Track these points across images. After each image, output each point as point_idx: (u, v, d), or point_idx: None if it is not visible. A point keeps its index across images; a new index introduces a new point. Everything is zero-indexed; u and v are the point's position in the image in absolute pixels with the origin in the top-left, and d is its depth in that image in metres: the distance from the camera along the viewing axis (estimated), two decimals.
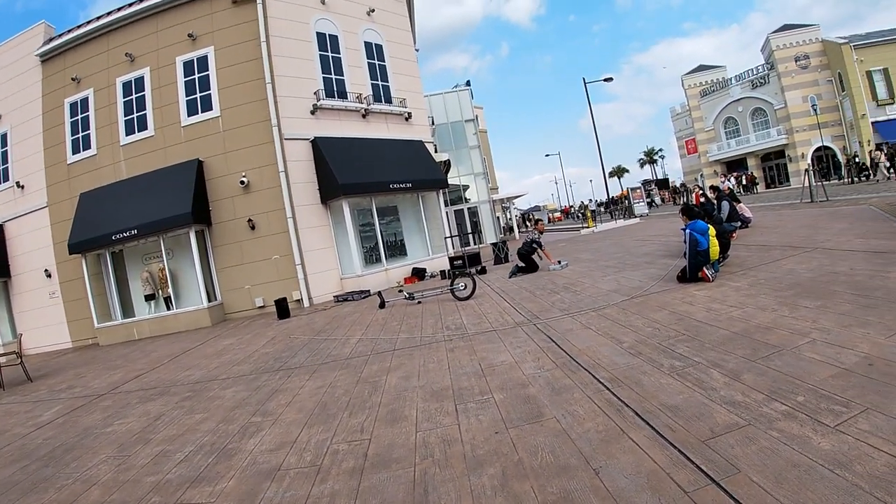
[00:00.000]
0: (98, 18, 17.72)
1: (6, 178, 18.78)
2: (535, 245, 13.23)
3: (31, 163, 18.24)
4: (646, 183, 51.08)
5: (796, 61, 46.66)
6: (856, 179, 31.46)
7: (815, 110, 39.08)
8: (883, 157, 27.16)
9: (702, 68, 58.70)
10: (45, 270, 17.93)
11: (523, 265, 13.30)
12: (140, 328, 16.22)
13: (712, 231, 8.10)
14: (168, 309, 16.48)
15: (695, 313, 6.13)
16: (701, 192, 15.29)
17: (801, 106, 46.10)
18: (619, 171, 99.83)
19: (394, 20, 20.32)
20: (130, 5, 17.37)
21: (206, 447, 4.85)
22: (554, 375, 4.92)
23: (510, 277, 13.06)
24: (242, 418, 5.54)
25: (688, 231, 8.09)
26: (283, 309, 13.89)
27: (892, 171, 25.27)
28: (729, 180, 22.70)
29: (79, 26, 17.99)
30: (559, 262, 12.82)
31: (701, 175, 56.24)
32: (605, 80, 32.37)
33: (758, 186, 39.93)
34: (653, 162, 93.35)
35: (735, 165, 53.21)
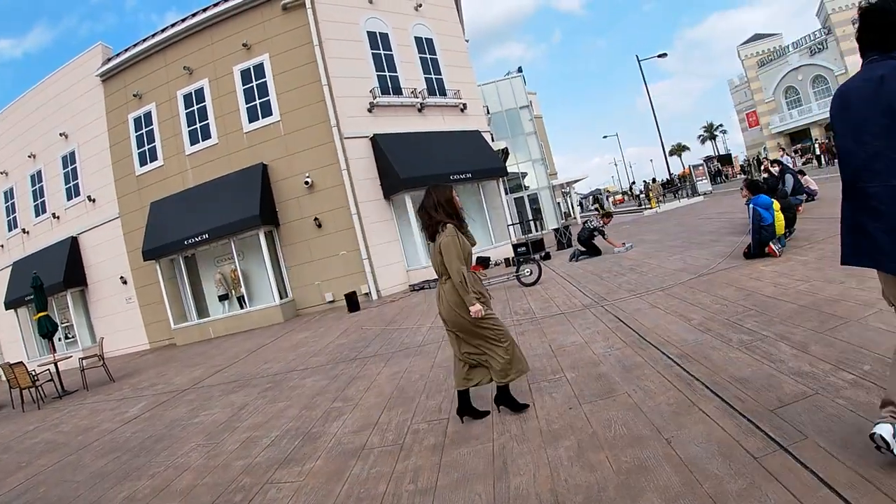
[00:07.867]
0: (153, 36, 18.41)
1: (77, 193, 19.85)
2: (595, 232, 13.10)
3: (101, 177, 19.20)
4: (708, 159, 49.58)
5: (854, 24, 44.33)
6: None
7: None
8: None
9: (757, 37, 56.56)
10: (121, 277, 18.86)
11: (584, 249, 13.27)
12: (215, 327, 16.94)
13: (777, 205, 7.96)
14: (241, 308, 17.15)
15: (762, 288, 6.10)
16: (771, 162, 14.82)
17: None
18: (679, 149, 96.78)
19: (442, 13, 20.38)
20: (184, 20, 17.99)
21: (291, 432, 5.15)
22: (624, 353, 5.02)
23: (570, 261, 13.09)
24: (324, 404, 5.83)
25: (751, 206, 7.98)
26: (352, 302, 14.22)
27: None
28: (786, 157, 21.72)
29: (134, 45, 18.63)
30: (624, 245, 12.70)
31: (764, 148, 54.29)
32: (659, 56, 31.85)
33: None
34: (713, 137, 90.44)
35: (799, 136, 51.11)
